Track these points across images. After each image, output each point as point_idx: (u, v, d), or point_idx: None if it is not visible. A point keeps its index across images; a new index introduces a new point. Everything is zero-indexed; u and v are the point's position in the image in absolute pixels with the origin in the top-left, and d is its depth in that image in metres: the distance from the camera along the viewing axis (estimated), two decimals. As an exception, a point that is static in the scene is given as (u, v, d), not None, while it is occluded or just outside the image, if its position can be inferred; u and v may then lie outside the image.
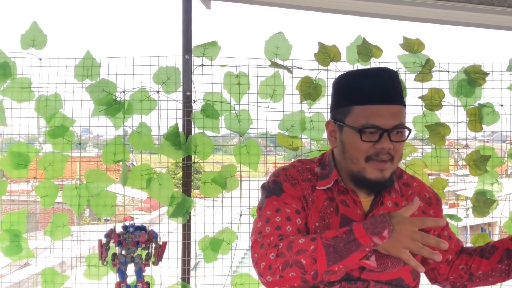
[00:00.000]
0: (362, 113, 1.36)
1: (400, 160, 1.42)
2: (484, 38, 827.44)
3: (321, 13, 3.16)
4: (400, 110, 1.38)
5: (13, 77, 2.66)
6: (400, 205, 1.45)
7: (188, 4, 2.74)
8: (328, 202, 1.42)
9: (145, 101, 2.65)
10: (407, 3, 2.69)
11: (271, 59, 2.64)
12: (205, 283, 2.67)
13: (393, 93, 1.38)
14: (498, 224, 2.91)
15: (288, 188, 1.43)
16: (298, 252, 1.26)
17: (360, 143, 1.36)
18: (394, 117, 1.36)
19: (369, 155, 1.36)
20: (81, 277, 2.71)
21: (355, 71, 1.49)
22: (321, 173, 1.47)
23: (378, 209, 1.42)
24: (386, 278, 1.39)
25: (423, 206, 1.48)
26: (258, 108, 2.69)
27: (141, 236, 2.18)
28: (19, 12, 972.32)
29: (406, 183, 1.51)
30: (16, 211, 2.72)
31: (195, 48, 2.66)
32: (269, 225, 1.37)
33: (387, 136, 1.35)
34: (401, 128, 1.37)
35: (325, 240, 1.25)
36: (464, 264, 1.50)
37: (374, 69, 1.52)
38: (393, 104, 1.37)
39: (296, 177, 1.45)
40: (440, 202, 1.54)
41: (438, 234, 1.51)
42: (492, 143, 2.91)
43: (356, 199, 1.43)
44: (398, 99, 1.38)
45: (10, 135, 2.80)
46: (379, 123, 1.35)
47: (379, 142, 1.35)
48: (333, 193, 1.44)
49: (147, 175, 2.64)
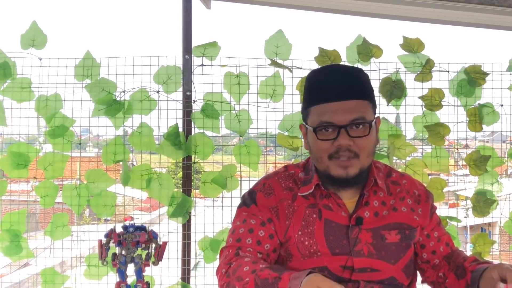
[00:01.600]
0: (317, 112, 1.36)
1: (370, 156, 1.37)
2: (484, 38, 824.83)
3: (321, 13, 3.16)
4: (358, 105, 1.34)
5: (13, 77, 2.66)
6: (388, 204, 1.43)
7: (188, 4, 2.74)
8: (309, 209, 1.41)
9: (145, 101, 2.65)
10: (407, 3, 2.69)
11: (271, 58, 2.64)
12: (205, 283, 2.67)
13: (349, 89, 1.34)
14: (498, 224, 2.91)
15: (261, 198, 1.43)
16: (237, 278, 1.28)
17: (319, 143, 1.35)
18: (350, 112, 1.32)
19: (330, 153, 1.34)
20: (81, 277, 2.71)
21: (313, 71, 1.46)
22: (304, 178, 1.46)
23: (363, 209, 1.40)
24: (378, 278, 1.38)
25: (411, 204, 1.46)
26: (258, 108, 2.69)
27: (141, 236, 2.18)
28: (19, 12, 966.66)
29: (395, 181, 1.49)
30: (16, 211, 2.72)
31: (195, 48, 2.66)
32: (233, 236, 1.41)
33: (345, 132, 1.32)
34: (360, 122, 1.33)
35: (258, 278, 1.24)
36: (443, 273, 1.46)
37: (327, 66, 1.49)
38: (349, 100, 1.33)
39: (275, 187, 1.45)
40: (430, 199, 1.50)
41: (427, 234, 1.48)
42: (492, 143, 2.91)
43: (340, 201, 1.41)
44: (356, 94, 1.34)
45: (10, 135, 2.80)
46: (333, 119, 1.32)
47: (337, 139, 1.32)
48: (315, 198, 1.42)
49: (147, 175, 2.64)
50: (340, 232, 1.39)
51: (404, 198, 1.46)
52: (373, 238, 1.39)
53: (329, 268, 1.37)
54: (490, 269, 1.27)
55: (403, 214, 1.43)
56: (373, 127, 1.37)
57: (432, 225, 1.49)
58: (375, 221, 1.40)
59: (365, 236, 1.38)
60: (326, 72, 1.42)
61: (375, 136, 1.39)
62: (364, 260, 1.37)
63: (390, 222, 1.41)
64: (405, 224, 1.43)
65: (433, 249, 1.49)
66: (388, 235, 1.40)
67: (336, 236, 1.38)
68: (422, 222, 1.46)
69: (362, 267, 1.37)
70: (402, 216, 1.43)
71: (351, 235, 1.38)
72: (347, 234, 1.38)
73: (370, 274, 1.38)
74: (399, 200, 1.45)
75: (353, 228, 1.38)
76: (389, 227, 1.41)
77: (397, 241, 1.40)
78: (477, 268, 1.34)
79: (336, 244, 1.38)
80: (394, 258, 1.40)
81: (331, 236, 1.38)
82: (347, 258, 1.37)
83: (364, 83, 1.39)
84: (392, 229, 1.41)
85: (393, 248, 1.40)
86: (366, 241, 1.38)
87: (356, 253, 1.37)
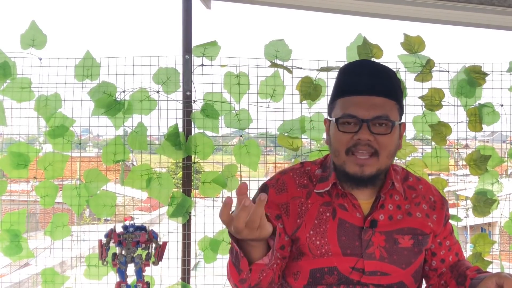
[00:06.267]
0: (342, 105, 1.35)
1: (390, 157, 1.36)
2: (484, 38, 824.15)
3: (321, 13, 3.15)
4: (384, 102, 1.32)
5: (13, 77, 2.66)
6: (403, 208, 1.41)
7: (188, 4, 2.74)
8: (324, 207, 1.39)
9: (145, 101, 2.65)
10: (407, 3, 2.69)
11: (271, 60, 2.64)
12: (205, 283, 2.67)
13: (377, 85, 1.33)
14: (498, 224, 2.91)
15: (271, 195, 1.42)
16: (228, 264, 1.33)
17: (339, 134, 1.33)
18: (375, 108, 1.31)
19: (348, 147, 1.32)
20: (81, 277, 2.71)
21: (346, 64, 1.46)
22: (321, 175, 1.44)
23: (378, 212, 1.39)
24: (387, 282, 1.37)
25: (426, 209, 1.44)
26: (258, 108, 2.69)
27: (141, 236, 2.18)
28: (19, 12, 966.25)
29: (412, 186, 1.47)
30: (16, 211, 2.72)
31: (195, 48, 2.66)
32: None
33: (366, 126, 1.30)
34: (384, 120, 1.31)
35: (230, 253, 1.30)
36: (444, 280, 1.45)
37: (361, 61, 1.47)
38: (376, 96, 1.32)
39: (288, 183, 1.43)
40: (446, 206, 1.49)
41: (439, 242, 1.47)
42: (492, 143, 2.91)
43: (355, 202, 1.39)
44: (384, 92, 1.33)
45: (10, 135, 2.79)
46: (357, 113, 1.31)
47: (357, 133, 1.31)
48: (331, 197, 1.40)
49: (147, 175, 2.64)
50: (353, 233, 1.37)
51: (420, 204, 1.44)
52: (386, 242, 1.37)
53: (338, 269, 1.36)
54: (488, 278, 1.26)
55: (418, 220, 1.42)
56: (396, 127, 1.34)
57: (445, 234, 1.48)
58: (389, 225, 1.39)
59: (378, 239, 1.37)
60: (358, 66, 1.40)
61: (397, 139, 1.37)
62: (375, 264, 1.36)
63: (404, 227, 1.40)
64: (419, 230, 1.41)
65: (443, 257, 1.48)
66: (401, 240, 1.39)
67: (349, 236, 1.37)
68: (436, 229, 1.45)
69: (372, 270, 1.36)
70: (416, 221, 1.41)
71: (364, 237, 1.37)
72: (360, 235, 1.37)
73: (380, 278, 1.37)
74: (415, 205, 1.43)
75: (366, 230, 1.37)
76: (402, 232, 1.39)
77: (409, 246, 1.39)
78: (477, 276, 1.34)
79: (348, 245, 1.37)
80: (405, 263, 1.39)
81: (344, 237, 1.37)
82: (357, 260, 1.36)
83: (394, 85, 1.37)
84: (405, 233, 1.39)
85: (405, 253, 1.39)
86: (379, 244, 1.37)
87: (368, 255, 1.36)
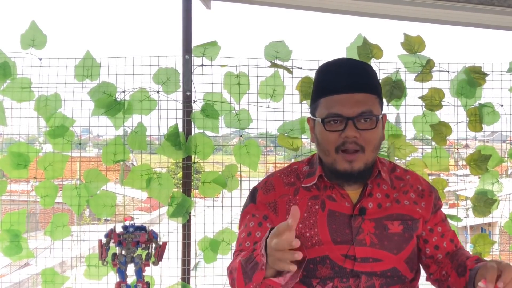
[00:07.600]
0: (326, 104, 1.38)
1: (375, 150, 1.40)
2: (484, 38, 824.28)
3: (321, 13, 3.16)
4: (366, 98, 1.36)
5: (13, 77, 2.66)
6: (391, 197, 1.45)
7: (188, 4, 2.74)
8: (312, 201, 1.43)
9: (145, 101, 2.65)
10: (407, 3, 2.69)
11: (271, 61, 2.64)
12: (205, 283, 2.67)
13: (358, 82, 1.37)
14: (498, 224, 2.91)
15: (260, 195, 1.48)
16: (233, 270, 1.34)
17: (326, 134, 1.37)
18: (358, 105, 1.35)
19: (337, 145, 1.37)
20: (81, 277, 2.71)
21: (322, 64, 1.48)
22: (308, 171, 1.48)
23: (367, 200, 1.42)
24: (380, 269, 1.39)
25: (414, 197, 1.47)
26: (258, 108, 2.69)
27: (141, 236, 2.18)
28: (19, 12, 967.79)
29: (399, 176, 1.51)
30: (16, 211, 2.72)
31: (195, 48, 2.66)
32: (237, 242, 1.47)
33: (352, 124, 1.34)
34: (368, 115, 1.35)
35: (242, 260, 1.29)
36: (445, 271, 1.45)
37: (338, 59, 1.50)
38: (358, 93, 1.36)
39: (276, 183, 1.48)
40: (434, 194, 1.51)
41: (430, 229, 1.48)
42: (492, 143, 2.91)
43: (343, 192, 1.43)
44: (365, 88, 1.37)
45: (10, 135, 2.80)
46: (341, 111, 1.35)
47: (344, 131, 1.34)
48: (319, 190, 1.44)
49: (147, 175, 2.64)
50: (343, 222, 1.40)
51: (408, 192, 1.48)
52: (375, 228, 1.40)
53: (330, 257, 1.38)
54: (481, 267, 1.28)
55: (406, 207, 1.45)
56: (379, 121, 1.39)
57: (436, 220, 1.49)
58: (378, 212, 1.42)
59: (367, 226, 1.40)
60: (335, 65, 1.44)
61: (381, 131, 1.42)
62: (366, 250, 1.38)
63: (393, 213, 1.43)
64: (408, 216, 1.44)
65: (436, 243, 1.48)
66: (390, 225, 1.41)
67: (339, 225, 1.40)
68: (425, 214, 1.47)
69: (364, 257, 1.38)
70: (404, 208, 1.45)
71: (354, 224, 1.40)
72: (350, 223, 1.40)
73: (372, 265, 1.38)
74: (403, 194, 1.47)
75: (356, 218, 1.40)
76: (392, 218, 1.42)
77: (399, 231, 1.42)
78: (475, 266, 1.35)
79: (339, 233, 1.39)
80: (396, 248, 1.41)
81: (334, 225, 1.40)
82: (349, 248, 1.38)
83: (373, 78, 1.42)
84: (395, 219, 1.42)
85: (396, 239, 1.41)
86: (369, 231, 1.40)
87: (358, 242, 1.38)
